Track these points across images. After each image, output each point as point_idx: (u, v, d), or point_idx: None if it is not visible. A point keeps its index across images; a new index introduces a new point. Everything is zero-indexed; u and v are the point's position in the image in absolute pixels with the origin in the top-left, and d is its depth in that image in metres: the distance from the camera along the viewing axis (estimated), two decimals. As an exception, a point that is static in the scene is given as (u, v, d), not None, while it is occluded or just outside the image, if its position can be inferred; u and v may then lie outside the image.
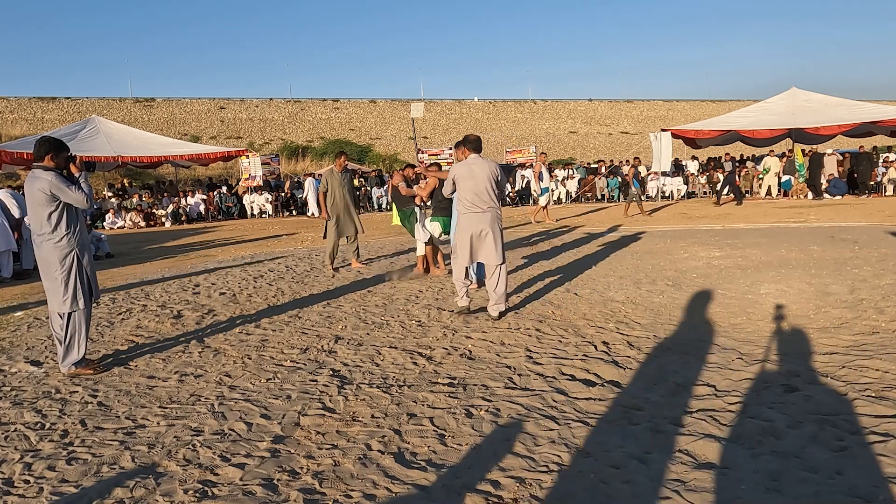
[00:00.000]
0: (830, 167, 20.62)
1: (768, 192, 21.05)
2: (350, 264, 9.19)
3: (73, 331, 4.52)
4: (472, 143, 5.81)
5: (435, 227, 7.56)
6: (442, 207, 7.38)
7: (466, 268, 5.86)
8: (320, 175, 26.87)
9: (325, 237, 8.99)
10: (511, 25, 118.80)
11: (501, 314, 5.71)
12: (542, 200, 15.71)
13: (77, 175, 4.55)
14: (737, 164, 22.25)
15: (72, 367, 4.53)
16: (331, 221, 8.80)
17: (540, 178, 15.60)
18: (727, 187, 19.83)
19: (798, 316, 5.30)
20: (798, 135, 20.77)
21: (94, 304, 5.71)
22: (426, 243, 7.85)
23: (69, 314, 4.50)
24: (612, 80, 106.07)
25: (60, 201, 4.40)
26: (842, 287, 6.24)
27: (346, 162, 9.03)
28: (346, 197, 8.80)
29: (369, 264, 9.43)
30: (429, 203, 7.65)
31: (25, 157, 18.81)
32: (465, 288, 5.91)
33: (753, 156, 24.32)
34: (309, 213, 22.35)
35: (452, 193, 5.89)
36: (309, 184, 22.53)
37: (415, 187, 7.75)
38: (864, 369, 3.89)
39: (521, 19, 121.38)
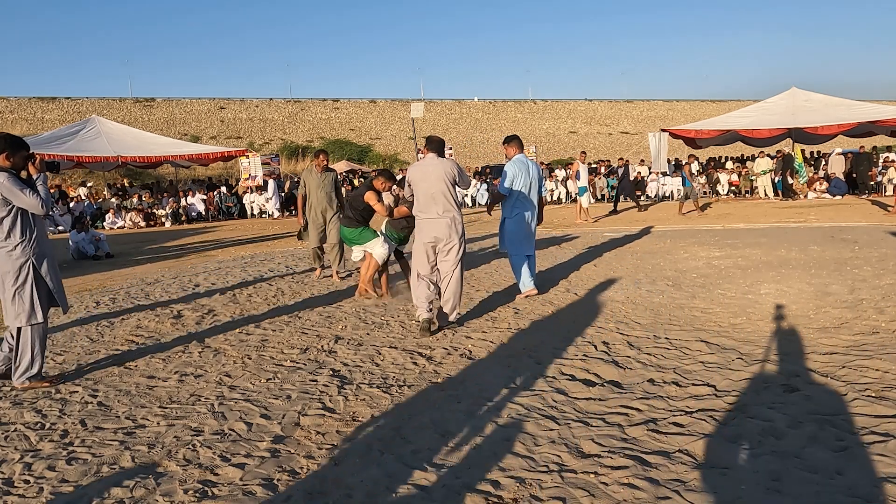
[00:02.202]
0: (837, 167, 20.65)
1: (765, 193, 20.98)
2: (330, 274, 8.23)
3: (25, 347, 4.15)
4: (433, 144, 5.44)
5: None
6: (363, 218, 6.64)
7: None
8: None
9: (299, 238, 8.44)
10: (511, 25, 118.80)
11: (445, 325, 5.33)
12: (584, 201, 15.42)
13: (35, 177, 4.16)
14: (626, 168, 20.45)
15: (25, 381, 4.20)
16: (311, 225, 8.05)
17: (577, 177, 15.42)
18: (623, 193, 19.45)
19: (798, 316, 5.30)
20: (798, 135, 20.76)
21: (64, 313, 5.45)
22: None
23: (19, 329, 4.15)
24: (612, 80, 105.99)
25: (13, 205, 4.03)
26: (842, 287, 6.24)
27: (326, 161, 8.18)
28: (327, 199, 7.95)
29: (350, 277, 8.18)
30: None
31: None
32: (427, 301, 5.32)
33: (753, 156, 24.30)
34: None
35: (411, 196, 5.50)
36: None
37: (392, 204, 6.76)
38: (864, 369, 3.89)
39: (521, 18, 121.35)
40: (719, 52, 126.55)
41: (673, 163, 23.31)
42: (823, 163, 22.64)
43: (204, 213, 22.92)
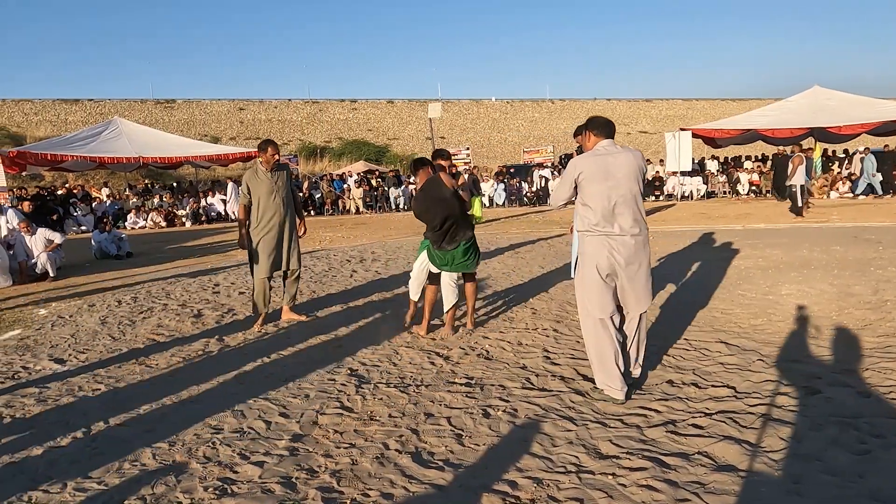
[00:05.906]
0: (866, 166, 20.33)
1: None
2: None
3: None
4: (602, 127, 3.73)
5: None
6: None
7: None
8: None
9: (252, 273, 5.81)
10: (528, 25, 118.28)
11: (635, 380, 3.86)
12: None
13: None
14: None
15: None
16: (260, 248, 5.65)
17: None
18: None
19: (820, 317, 5.23)
20: (820, 134, 20.45)
21: None
22: (429, 281, 5.26)
23: None
24: (631, 79, 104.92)
25: None
26: (865, 288, 6.13)
27: (277, 156, 5.71)
28: (282, 208, 5.68)
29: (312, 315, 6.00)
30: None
31: (49, 158, 19.20)
32: (617, 369, 3.61)
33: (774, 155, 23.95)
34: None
35: (569, 201, 3.88)
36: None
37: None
38: (888, 371, 3.83)
39: (539, 19, 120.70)
40: (740, 50, 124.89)
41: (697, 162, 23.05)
42: (847, 162, 22.28)
43: (224, 213, 23.13)
